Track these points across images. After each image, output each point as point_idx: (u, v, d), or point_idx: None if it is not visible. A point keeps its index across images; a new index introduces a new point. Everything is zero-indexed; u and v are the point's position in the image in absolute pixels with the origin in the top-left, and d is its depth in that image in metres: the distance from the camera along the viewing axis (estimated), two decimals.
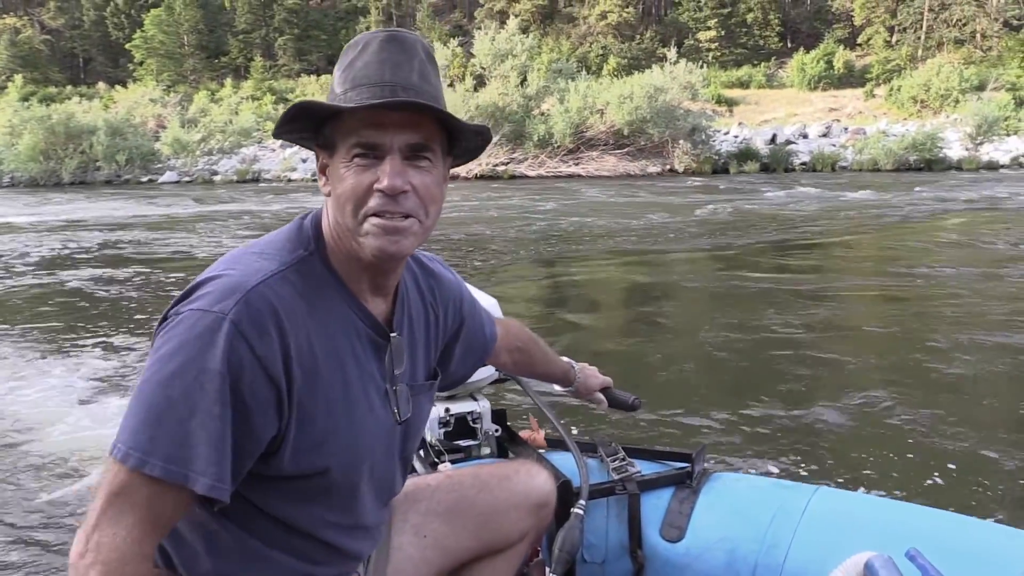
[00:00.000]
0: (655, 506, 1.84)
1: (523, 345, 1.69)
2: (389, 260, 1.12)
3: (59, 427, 4.17)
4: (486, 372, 1.99)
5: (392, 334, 1.22)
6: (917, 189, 20.92)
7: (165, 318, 1.06)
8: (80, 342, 6.09)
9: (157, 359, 1.02)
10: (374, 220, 1.07)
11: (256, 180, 32.16)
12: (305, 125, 1.11)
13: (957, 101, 40.01)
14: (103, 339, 6.15)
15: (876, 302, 7.33)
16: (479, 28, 38.61)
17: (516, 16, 41.20)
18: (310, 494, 1.16)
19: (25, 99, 42.70)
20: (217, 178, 32.94)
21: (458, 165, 1.23)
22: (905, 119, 40.12)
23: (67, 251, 11.76)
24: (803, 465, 3.50)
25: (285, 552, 1.17)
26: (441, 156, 1.14)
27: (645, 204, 18.00)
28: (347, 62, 1.10)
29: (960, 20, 52.54)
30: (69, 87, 55.41)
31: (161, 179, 32.84)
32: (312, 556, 1.20)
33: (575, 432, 1.92)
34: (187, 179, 33.04)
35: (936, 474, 3.41)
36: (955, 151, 31.92)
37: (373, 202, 1.07)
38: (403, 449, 1.30)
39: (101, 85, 55.59)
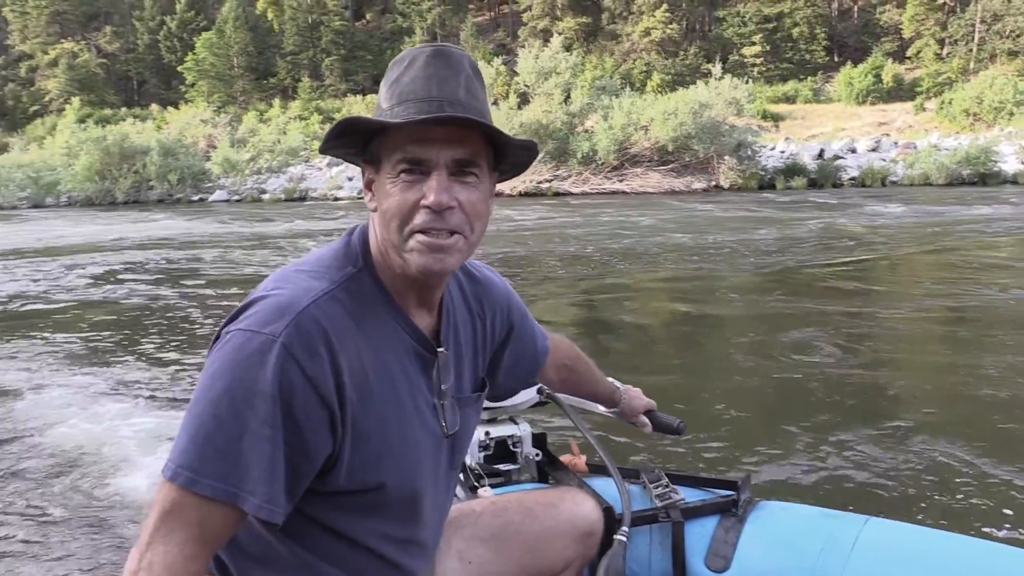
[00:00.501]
0: (699, 535, 1.80)
1: (572, 363, 1.67)
2: (434, 277, 1.12)
3: (109, 447, 4.25)
4: (527, 395, 1.97)
5: (440, 349, 1.22)
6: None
7: (217, 337, 1.08)
8: (137, 359, 6.20)
9: (207, 378, 1.03)
10: (420, 237, 1.07)
11: (303, 199, 32.65)
12: (351, 141, 1.12)
13: (1012, 114, 39.04)
14: (161, 354, 6.26)
15: (930, 325, 7.15)
16: (523, 46, 38.87)
17: (560, 34, 41.30)
18: (367, 508, 1.16)
19: (81, 121, 43.97)
20: (265, 196, 33.52)
21: (504, 180, 1.23)
22: (957, 132, 39.23)
23: (141, 266, 12.04)
24: (852, 495, 3.41)
25: (340, 566, 1.17)
26: (487, 171, 1.13)
27: (693, 221, 17.83)
28: (394, 78, 1.10)
29: (1014, 31, 51.32)
30: (124, 109, 57.07)
31: (212, 198, 33.55)
32: (366, 572, 1.19)
33: (617, 458, 1.88)
34: (236, 198, 33.69)
35: (990, 506, 3.29)
36: (1010, 164, 31.09)
37: (419, 219, 1.07)
38: (452, 462, 1.30)
39: (154, 107, 57.10)
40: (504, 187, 29.32)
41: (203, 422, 1.00)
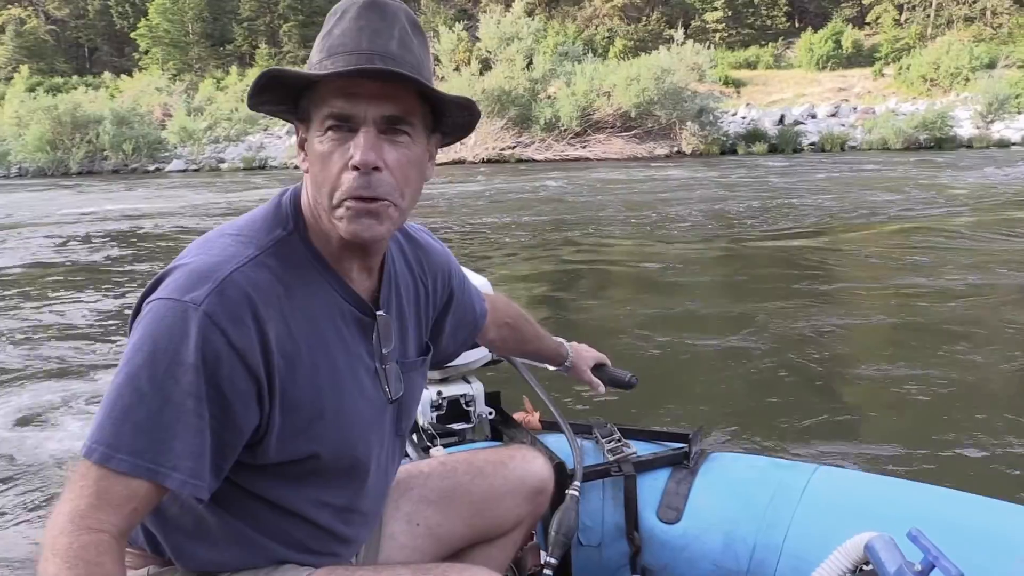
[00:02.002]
0: (652, 487, 1.81)
1: (512, 321, 1.64)
2: (365, 243, 1.08)
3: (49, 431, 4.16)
4: (479, 354, 1.95)
5: (379, 312, 1.18)
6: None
7: (138, 310, 1.02)
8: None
9: (128, 351, 0.98)
10: (349, 203, 1.02)
11: (263, 167, 32.16)
12: (280, 97, 1.06)
13: (967, 79, 39.59)
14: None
15: (882, 281, 7.27)
16: (484, 12, 38.45)
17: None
18: (302, 477, 1.12)
19: (31, 89, 42.78)
20: (224, 166, 32.96)
21: (447, 144, 1.18)
22: (915, 98, 39.73)
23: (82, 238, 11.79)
24: (802, 445, 3.49)
25: (276, 538, 1.14)
26: (423, 132, 1.08)
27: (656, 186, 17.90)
28: (326, 30, 1.05)
29: None
30: (75, 77, 55.55)
31: (168, 167, 32.89)
32: (305, 542, 1.16)
33: (570, 414, 1.88)
34: (194, 167, 33.07)
35: (938, 452, 3.39)
36: (965, 130, 31.64)
37: (347, 184, 1.01)
38: (398, 428, 1.27)
39: (107, 75, 55.59)
40: (467, 154, 29.18)
41: (121, 395, 0.95)
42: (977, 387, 4.23)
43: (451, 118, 1.12)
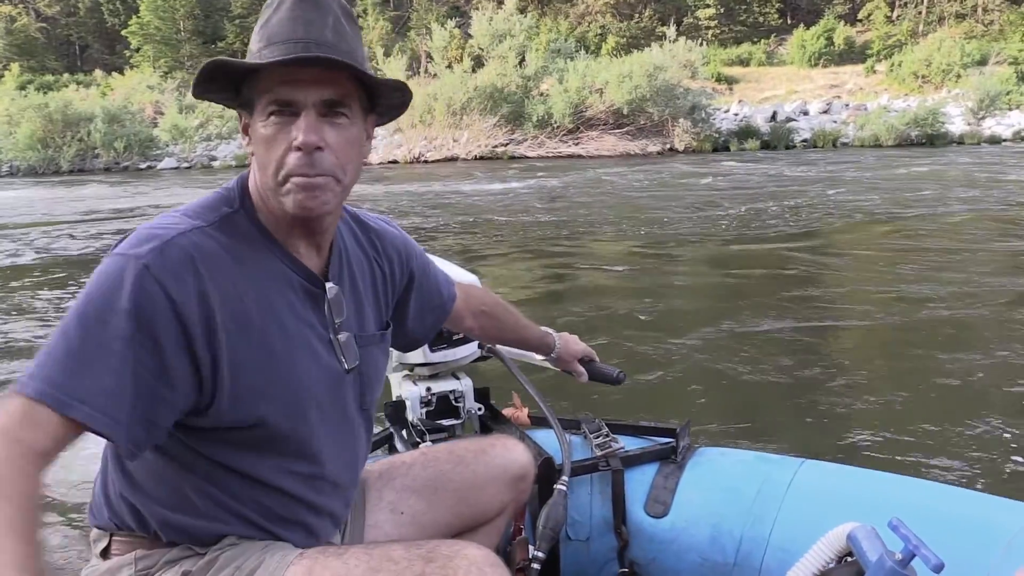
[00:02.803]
0: (639, 482, 1.82)
1: (489, 309, 1.66)
2: (311, 215, 1.13)
3: None
4: (468, 350, 1.97)
5: (328, 284, 1.22)
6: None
7: None
8: None
9: (71, 307, 1.03)
10: (294, 179, 1.08)
11: None
12: (223, 85, 1.12)
13: (959, 76, 39.65)
14: None
15: (871, 280, 7.30)
16: (476, 9, 38.38)
17: None
18: (260, 444, 1.15)
19: (22, 87, 42.56)
20: (216, 163, 32.86)
21: (382, 124, 1.24)
22: (906, 95, 39.77)
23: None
24: (789, 440, 3.52)
25: (249, 506, 1.17)
26: (360, 113, 1.14)
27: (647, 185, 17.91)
28: (263, 21, 1.11)
29: None
30: (66, 75, 55.13)
31: (160, 165, 32.78)
32: (275, 510, 1.19)
33: (559, 410, 1.89)
34: (186, 165, 32.98)
35: (919, 445, 3.44)
36: (957, 126, 31.72)
37: (291, 162, 1.08)
38: (361, 400, 1.29)
39: (98, 72, 55.26)
40: (459, 151, 29.16)
41: (52, 339, 1.00)
42: (963, 384, 4.27)
43: (385, 100, 1.19)
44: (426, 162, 29.31)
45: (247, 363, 1.09)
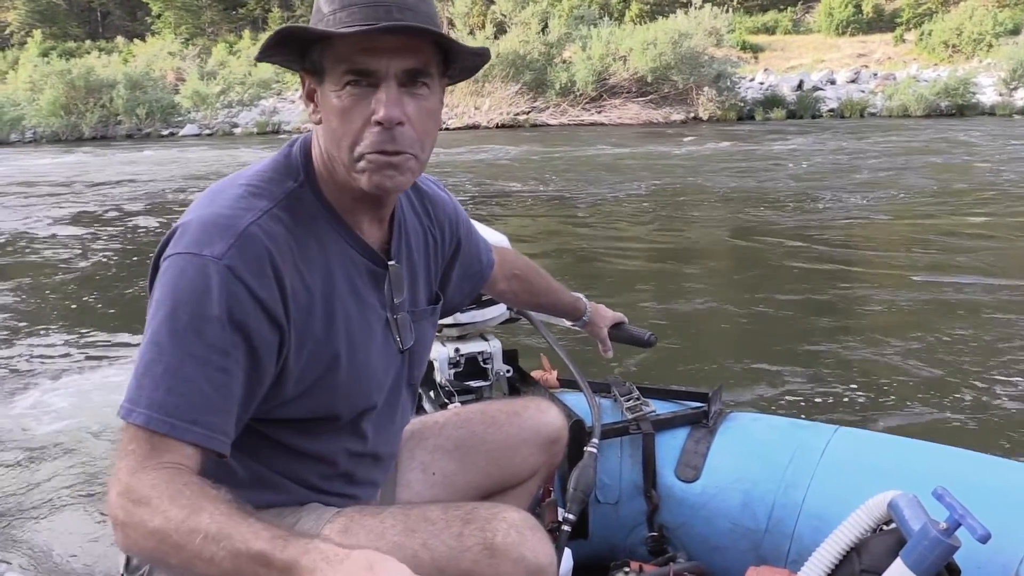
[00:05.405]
0: (670, 446, 1.81)
1: (521, 273, 1.64)
2: (386, 195, 1.09)
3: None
4: (497, 311, 1.95)
5: (390, 263, 1.18)
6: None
7: (156, 267, 1.02)
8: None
9: (151, 310, 0.98)
10: (371, 156, 1.02)
11: (276, 132, 32.05)
12: (291, 48, 1.05)
13: (990, 46, 38.75)
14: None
15: (906, 248, 7.20)
16: None
17: None
18: (319, 423, 1.14)
19: (44, 54, 42.56)
20: (237, 130, 32.86)
21: (453, 84, 1.18)
22: (936, 64, 38.99)
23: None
24: (822, 406, 3.48)
25: (294, 478, 1.16)
26: (438, 80, 1.08)
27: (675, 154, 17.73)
28: None
29: None
30: (88, 41, 55.30)
31: (182, 132, 32.83)
32: (321, 485, 1.18)
33: (588, 372, 1.87)
34: (207, 132, 32.99)
35: (959, 415, 3.38)
36: (988, 96, 31.06)
37: (370, 138, 1.02)
38: (410, 377, 1.28)
39: (120, 39, 55.23)
40: (481, 119, 28.97)
41: (144, 353, 0.96)
42: (1001, 353, 4.19)
43: (460, 63, 1.12)
44: (447, 129, 29.18)
45: (314, 350, 1.08)
